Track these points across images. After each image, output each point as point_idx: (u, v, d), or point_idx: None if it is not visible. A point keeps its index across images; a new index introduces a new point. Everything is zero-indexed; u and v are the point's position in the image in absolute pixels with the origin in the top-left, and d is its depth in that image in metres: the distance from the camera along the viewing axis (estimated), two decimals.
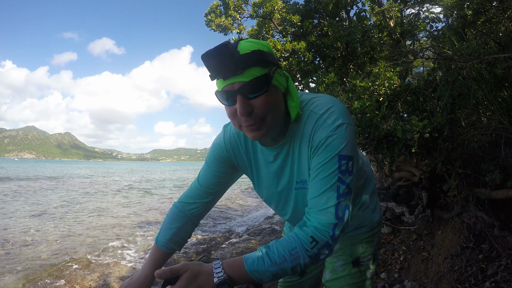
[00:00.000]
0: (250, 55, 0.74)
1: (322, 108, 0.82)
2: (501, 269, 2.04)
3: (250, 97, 0.77)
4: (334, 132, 0.78)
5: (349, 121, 0.80)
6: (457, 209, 2.57)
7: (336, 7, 5.06)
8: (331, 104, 0.82)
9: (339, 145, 0.77)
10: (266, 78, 0.77)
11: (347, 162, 0.77)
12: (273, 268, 0.73)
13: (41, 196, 12.01)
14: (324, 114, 0.81)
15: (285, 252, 0.74)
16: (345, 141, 0.78)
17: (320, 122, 0.80)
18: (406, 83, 3.08)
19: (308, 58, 5.27)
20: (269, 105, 0.78)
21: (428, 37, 3.94)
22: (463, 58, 1.95)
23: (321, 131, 0.79)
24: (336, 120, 0.79)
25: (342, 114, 0.80)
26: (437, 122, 2.19)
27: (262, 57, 0.76)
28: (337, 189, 0.77)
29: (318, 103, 0.84)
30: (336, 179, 0.77)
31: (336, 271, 1.09)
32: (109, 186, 17.41)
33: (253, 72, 0.75)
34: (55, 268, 4.14)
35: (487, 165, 2.11)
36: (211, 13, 5.93)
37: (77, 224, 7.06)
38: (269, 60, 0.78)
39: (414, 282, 2.56)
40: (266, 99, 0.77)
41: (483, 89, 2.03)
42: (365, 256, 1.09)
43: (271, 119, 0.80)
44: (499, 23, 2.71)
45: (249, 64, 0.74)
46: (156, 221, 7.65)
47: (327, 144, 0.78)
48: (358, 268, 1.07)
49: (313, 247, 0.74)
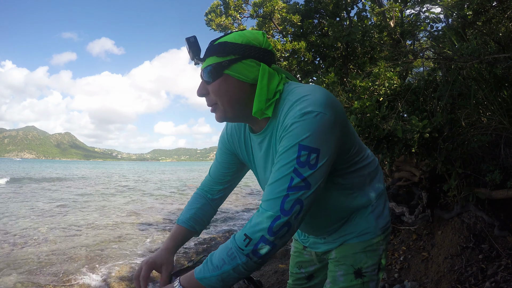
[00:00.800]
0: (215, 46, 0.83)
1: (297, 95, 0.79)
2: (501, 269, 2.04)
3: (207, 81, 0.86)
4: (299, 119, 0.73)
5: (323, 110, 0.73)
6: (457, 209, 2.57)
7: (337, 7, 5.06)
8: (308, 92, 0.78)
9: (301, 134, 0.72)
10: (218, 67, 0.83)
11: (308, 153, 0.72)
12: (216, 272, 0.73)
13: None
14: (296, 101, 0.77)
15: (223, 254, 0.74)
16: (310, 131, 0.72)
17: (290, 109, 0.77)
18: (406, 83, 3.08)
19: (308, 58, 5.27)
20: (219, 91, 0.84)
21: (428, 37, 3.94)
22: (463, 58, 1.95)
23: (288, 117, 0.76)
24: (305, 108, 0.74)
25: (316, 102, 0.74)
26: (437, 122, 2.19)
27: (223, 48, 0.82)
28: (290, 180, 0.72)
29: (297, 91, 0.81)
30: (291, 169, 0.72)
31: (336, 281, 1.01)
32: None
33: (209, 61, 0.84)
34: (55, 268, 4.14)
35: (487, 165, 2.11)
36: (211, 13, 5.93)
37: (80, 224, 7.07)
38: (230, 52, 0.82)
39: (414, 282, 2.56)
40: (217, 85, 0.84)
41: (483, 89, 2.03)
42: (369, 267, 0.98)
43: (221, 105, 0.86)
44: (499, 23, 2.72)
45: (209, 54, 0.84)
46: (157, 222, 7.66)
47: (290, 131, 0.74)
48: (361, 279, 0.98)
49: (247, 245, 0.71)
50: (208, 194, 1.15)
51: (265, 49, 0.85)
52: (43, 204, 9.98)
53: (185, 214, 1.11)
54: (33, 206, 9.40)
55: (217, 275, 0.73)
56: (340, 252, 1.01)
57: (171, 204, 10.94)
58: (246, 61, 0.83)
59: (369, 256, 0.98)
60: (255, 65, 0.84)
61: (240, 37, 0.83)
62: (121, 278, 3.81)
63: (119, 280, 3.78)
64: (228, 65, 0.82)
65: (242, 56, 0.83)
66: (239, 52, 0.82)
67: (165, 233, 6.27)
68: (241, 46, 0.82)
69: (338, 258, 1.01)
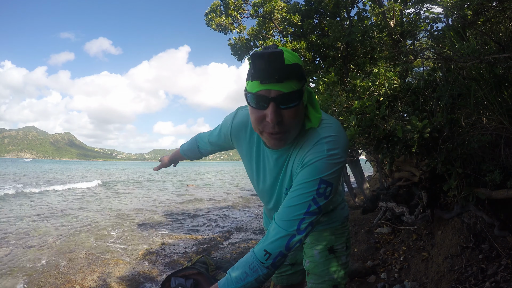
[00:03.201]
0: (293, 67, 0.78)
1: (327, 132, 0.87)
2: (501, 269, 2.04)
3: (282, 107, 0.80)
4: (325, 158, 0.84)
5: (344, 155, 0.86)
6: (457, 209, 2.57)
7: (337, 7, 5.06)
8: (337, 133, 0.88)
9: (325, 171, 0.84)
10: (300, 93, 0.81)
11: (326, 187, 0.84)
12: (240, 284, 0.85)
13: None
14: (325, 139, 0.86)
15: (245, 268, 0.86)
16: (332, 170, 0.84)
17: (318, 144, 0.86)
18: (406, 83, 3.07)
19: (308, 58, 5.27)
20: (296, 118, 0.84)
21: (428, 37, 3.93)
22: (463, 58, 1.95)
23: (315, 152, 0.86)
24: (333, 149, 0.85)
25: (341, 147, 0.86)
26: (437, 122, 2.18)
27: (300, 71, 0.81)
28: (308, 206, 0.84)
29: (327, 127, 0.89)
30: (311, 198, 0.84)
31: (314, 259, 1.24)
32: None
33: (292, 84, 0.79)
34: (55, 268, 4.14)
35: (487, 165, 2.11)
36: (211, 13, 5.93)
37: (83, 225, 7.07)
38: (303, 76, 0.82)
39: (414, 282, 2.56)
40: (296, 112, 0.83)
41: (483, 89, 2.03)
42: (338, 244, 1.24)
43: (294, 131, 0.87)
44: (499, 23, 2.71)
45: (291, 76, 0.78)
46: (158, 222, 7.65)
47: (315, 166, 0.84)
48: (333, 254, 1.23)
49: (267, 259, 0.84)
50: (199, 145, 1.41)
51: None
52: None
53: (185, 147, 1.51)
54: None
55: (241, 286, 0.85)
56: (313, 236, 1.26)
57: (172, 204, 10.94)
58: (306, 85, 0.88)
59: (338, 237, 1.25)
60: (306, 87, 0.90)
61: (298, 60, 0.83)
62: (121, 278, 3.81)
63: (119, 280, 3.78)
64: (304, 90, 0.84)
65: (305, 81, 0.85)
66: (304, 75, 0.83)
67: (165, 233, 6.27)
68: (302, 69, 0.84)
69: (312, 241, 1.26)
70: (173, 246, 5.31)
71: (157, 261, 4.52)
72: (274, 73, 0.76)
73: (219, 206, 10.13)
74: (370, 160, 5.59)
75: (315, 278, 1.23)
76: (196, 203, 10.91)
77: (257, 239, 5.44)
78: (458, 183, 2.27)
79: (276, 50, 0.75)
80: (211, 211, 9.22)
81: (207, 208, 9.71)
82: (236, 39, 6.18)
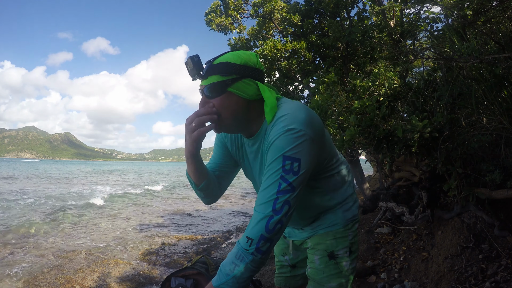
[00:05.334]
0: (217, 65, 0.94)
1: (282, 112, 0.93)
2: (501, 269, 2.04)
3: (209, 97, 0.97)
4: (283, 135, 0.88)
5: (303, 128, 0.88)
6: (457, 209, 2.57)
7: (337, 7, 5.05)
8: (292, 110, 0.93)
9: (285, 147, 0.87)
10: (222, 85, 0.95)
11: (291, 162, 0.87)
12: (230, 276, 0.86)
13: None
14: (280, 118, 0.92)
15: (233, 259, 0.87)
16: (293, 145, 0.87)
17: (275, 124, 0.92)
18: (407, 83, 3.07)
19: (308, 58, 5.26)
20: (222, 106, 0.96)
21: (429, 37, 3.93)
22: (463, 58, 1.95)
23: (273, 132, 0.91)
24: (288, 125, 0.89)
25: (297, 120, 0.89)
26: (437, 122, 2.18)
27: (226, 68, 0.94)
28: (279, 185, 0.87)
29: (284, 107, 0.95)
30: (278, 177, 0.87)
31: (314, 264, 1.20)
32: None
33: (213, 78, 0.95)
34: (55, 268, 4.14)
35: (487, 165, 2.11)
36: (211, 13, 5.93)
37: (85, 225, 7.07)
38: (232, 71, 0.94)
39: (414, 282, 2.55)
40: (220, 101, 0.96)
41: (483, 89, 2.03)
42: (340, 249, 1.17)
43: (224, 119, 0.97)
44: (499, 23, 2.71)
45: (212, 72, 0.95)
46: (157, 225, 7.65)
47: (275, 144, 0.89)
48: (334, 260, 1.17)
49: (250, 245, 0.85)
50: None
51: (259, 69, 1.00)
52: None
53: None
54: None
55: (232, 278, 0.85)
56: (314, 241, 1.21)
57: (171, 205, 10.94)
58: (245, 80, 0.97)
59: (339, 241, 1.17)
60: (252, 84, 0.98)
61: (238, 58, 0.95)
62: (121, 278, 3.81)
63: (119, 280, 3.78)
64: (230, 83, 0.95)
65: (242, 76, 0.96)
66: (239, 72, 0.95)
67: (165, 233, 6.27)
68: (240, 67, 0.95)
69: (313, 246, 1.21)
70: (173, 246, 5.31)
71: (157, 261, 4.52)
72: (198, 72, 0.95)
73: (219, 206, 10.13)
74: (370, 160, 5.58)
75: (314, 285, 1.19)
76: (196, 203, 10.91)
77: None
78: (458, 183, 2.27)
79: (195, 55, 0.95)
80: (211, 211, 9.22)
81: (207, 208, 9.71)
82: (236, 39, 6.18)
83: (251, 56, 0.98)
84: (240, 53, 0.97)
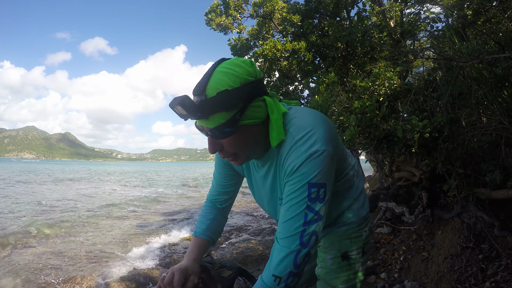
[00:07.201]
0: (215, 100, 0.75)
1: (300, 131, 0.80)
2: (501, 269, 2.04)
3: (217, 137, 0.81)
4: (306, 160, 0.77)
5: (326, 147, 0.78)
6: (457, 209, 2.57)
7: (337, 7, 5.06)
8: (310, 127, 0.80)
9: (310, 174, 0.77)
10: (232, 122, 0.78)
11: (317, 190, 0.78)
12: None
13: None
14: (300, 140, 0.79)
15: None
16: (318, 169, 0.77)
17: (294, 147, 0.79)
18: (407, 83, 3.08)
19: (308, 58, 5.26)
20: (236, 145, 0.82)
21: (428, 37, 3.93)
22: (463, 58, 1.95)
23: (293, 157, 0.79)
24: (311, 148, 0.77)
25: (320, 139, 0.78)
26: (437, 122, 2.18)
27: (228, 99, 0.75)
28: (305, 216, 0.78)
29: (298, 124, 0.82)
30: (304, 207, 0.78)
31: (325, 264, 1.13)
32: None
33: (217, 118, 0.77)
34: (55, 268, 4.14)
35: (487, 165, 2.11)
36: (211, 13, 5.93)
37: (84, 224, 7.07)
38: (236, 101, 0.77)
39: (414, 282, 2.55)
40: (234, 140, 0.81)
41: (483, 89, 2.03)
42: (354, 250, 1.11)
43: (243, 154, 0.85)
44: (499, 23, 2.71)
45: (213, 110, 0.76)
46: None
47: (298, 173, 0.78)
48: (347, 261, 1.10)
49: (278, 284, 0.78)
50: (217, 204, 1.17)
51: (260, 79, 0.83)
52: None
53: (201, 226, 1.12)
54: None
55: None
56: (327, 240, 1.12)
57: (171, 205, 10.94)
58: (253, 104, 0.80)
59: (353, 241, 1.10)
60: (261, 103, 0.82)
61: (236, 78, 0.77)
62: (121, 278, 3.81)
63: (119, 280, 3.78)
64: (239, 116, 0.78)
65: (248, 101, 0.79)
66: (244, 97, 0.78)
67: (165, 233, 6.27)
68: (243, 89, 0.77)
69: (326, 245, 1.13)
70: (173, 246, 5.31)
71: (157, 261, 4.52)
72: (195, 114, 0.75)
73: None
74: (370, 160, 5.58)
75: (324, 285, 1.14)
76: (196, 203, 10.91)
77: (256, 240, 5.44)
78: (458, 183, 2.27)
79: (184, 96, 0.75)
80: None
81: None
82: (236, 39, 6.19)
83: (245, 67, 0.80)
84: (234, 68, 0.78)
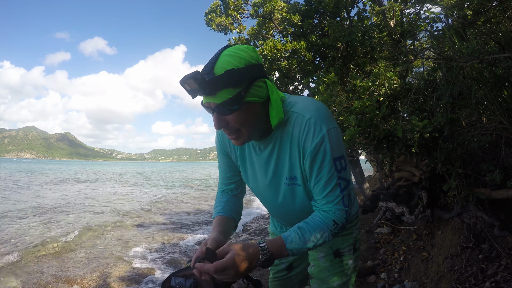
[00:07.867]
0: (223, 77, 0.81)
1: (308, 111, 0.91)
2: (501, 269, 2.04)
3: (224, 114, 0.86)
4: (324, 140, 0.89)
5: (334, 124, 0.92)
6: (457, 209, 2.57)
7: (337, 7, 5.05)
8: (315, 107, 0.92)
9: (329, 151, 0.90)
10: (238, 98, 0.84)
11: (340, 162, 0.92)
12: (307, 245, 0.89)
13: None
14: (311, 119, 0.90)
15: (316, 233, 0.90)
16: (333, 145, 0.90)
17: (308, 127, 0.90)
18: (407, 83, 3.08)
19: (308, 58, 5.26)
20: (241, 121, 0.88)
21: (428, 37, 3.93)
22: (463, 58, 1.95)
23: (311, 138, 0.90)
24: (323, 128, 0.89)
25: (328, 117, 0.92)
26: (437, 122, 2.18)
27: (234, 77, 0.82)
28: (339, 186, 0.92)
29: (303, 105, 0.93)
30: (336, 179, 0.91)
31: (318, 262, 1.18)
32: None
33: (225, 94, 0.83)
34: (55, 268, 4.14)
35: (487, 165, 2.11)
36: (211, 13, 5.93)
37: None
38: (242, 79, 0.83)
39: (414, 282, 2.55)
40: (239, 116, 0.87)
41: (483, 89, 2.03)
42: (345, 247, 1.16)
43: (246, 131, 0.91)
44: (499, 23, 2.71)
45: (221, 86, 0.82)
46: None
47: (321, 151, 0.90)
48: (339, 258, 1.16)
49: (335, 228, 0.92)
50: (229, 192, 1.21)
51: (261, 63, 0.91)
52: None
53: (217, 208, 1.14)
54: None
55: (307, 247, 0.90)
56: None
57: (172, 205, 10.94)
58: (256, 83, 0.88)
59: (344, 239, 1.16)
60: (262, 84, 0.90)
61: (241, 59, 0.84)
62: (121, 278, 3.81)
63: (119, 280, 3.78)
64: (245, 93, 0.85)
65: (252, 79, 0.86)
66: (248, 76, 0.85)
67: (165, 233, 6.27)
68: (247, 69, 0.84)
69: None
70: (174, 246, 5.31)
71: (157, 261, 4.52)
72: (204, 90, 0.81)
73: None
74: (370, 160, 5.58)
75: (318, 283, 1.18)
76: (196, 203, 10.91)
77: (256, 240, 5.45)
78: (458, 183, 2.27)
79: (195, 71, 0.81)
80: (211, 211, 9.22)
81: (207, 208, 9.71)
82: (236, 39, 6.18)
83: (249, 52, 0.88)
84: (239, 52, 0.86)
